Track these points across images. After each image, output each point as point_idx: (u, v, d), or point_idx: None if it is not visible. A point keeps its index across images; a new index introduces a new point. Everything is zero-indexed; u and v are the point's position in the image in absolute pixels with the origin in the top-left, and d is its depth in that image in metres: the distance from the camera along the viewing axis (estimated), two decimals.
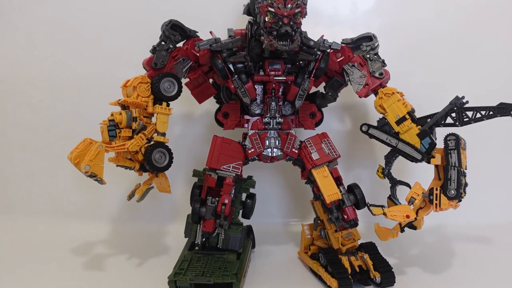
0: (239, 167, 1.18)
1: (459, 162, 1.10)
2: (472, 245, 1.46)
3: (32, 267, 1.31)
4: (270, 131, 1.21)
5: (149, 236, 1.58)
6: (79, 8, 1.66)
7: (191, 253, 1.21)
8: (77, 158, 1.02)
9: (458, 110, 1.11)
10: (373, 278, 1.14)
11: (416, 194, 1.12)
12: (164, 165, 1.14)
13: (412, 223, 1.19)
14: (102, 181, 1.05)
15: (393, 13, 1.66)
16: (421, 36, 1.64)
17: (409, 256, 1.37)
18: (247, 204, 1.29)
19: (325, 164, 1.18)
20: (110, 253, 1.42)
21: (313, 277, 1.24)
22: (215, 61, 1.13)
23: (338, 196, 1.13)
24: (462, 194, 1.10)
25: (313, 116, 1.28)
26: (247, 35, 1.19)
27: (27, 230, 1.62)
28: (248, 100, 1.17)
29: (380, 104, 1.17)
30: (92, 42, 1.67)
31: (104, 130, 1.09)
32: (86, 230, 1.58)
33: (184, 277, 1.09)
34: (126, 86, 1.14)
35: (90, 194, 1.69)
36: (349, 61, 1.21)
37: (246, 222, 1.33)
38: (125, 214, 1.69)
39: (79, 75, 1.68)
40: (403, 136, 1.14)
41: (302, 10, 1.02)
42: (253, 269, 1.29)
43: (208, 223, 1.14)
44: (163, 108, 1.14)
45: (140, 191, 1.19)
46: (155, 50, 1.17)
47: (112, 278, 1.23)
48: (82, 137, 1.06)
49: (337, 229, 1.21)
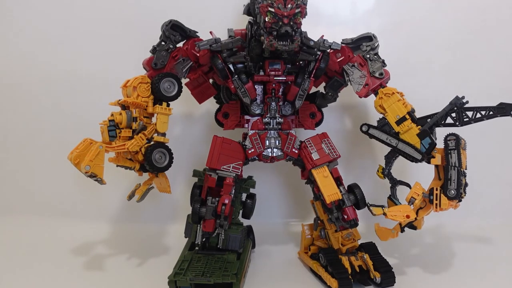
0: (239, 167, 1.18)
1: (459, 162, 1.10)
2: (472, 245, 1.46)
3: (32, 267, 1.31)
4: (270, 131, 1.21)
5: (149, 236, 1.58)
6: (78, 8, 1.66)
7: (191, 253, 1.21)
8: (77, 158, 1.02)
9: (458, 110, 1.11)
10: (373, 278, 1.14)
11: (416, 194, 1.12)
12: (164, 165, 1.14)
13: (412, 223, 1.19)
14: (102, 181, 1.05)
15: (393, 13, 1.66)
16: (421, 36, 1.64)
17: (409, 256, 1.37)
18: (247, 204, 1.29)
19: (325, 164, 1.18)
20: (110, 253, 1.42)
21: (313, 277, 1.24)
22: (215, 61, 1.13)
23: (338, 196, 1.13)
24: (462, 194, 1.10)
25: (313, 116, 1.28)
26: (247, 35, 1.19)
27: (27, 230, 1.62)
28: (248, 100, 1.17)
29: (380, 104, 1.17)
30: (92, 42, 1.67)
31: (104, 130, 1.09)
32: (86, 230, 1.58)
33: (184, 277, 1.09)
34: (126, 86, 1.14)
35: (90, 194, 1.69)
36: (349, 61, 1.21)
37: (246, 222, 1.33)
38: (125, 214, 1.69)
39: (79, 75, 1.68)
40: (403, 136, 1.14)
41: (302, 10, 1.02)
42: (253, 269, 1.29)
43: (208, 223, 1.14)
44: (163, 108, 1.14)
45: (140, 191, 1.19)
46: (155, 50, 1.17)
47: (112, 278, 1.23)
48: (82, 137, 1.06)
49: (337, 229, 1.21)
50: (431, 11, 1.65)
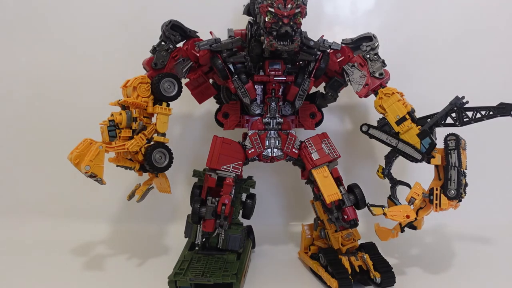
0: (239, 167, 1.18)
1: (459, 162, 1.10)
2: (472, 245, 1.46)
3: (32, 267, 1.31)
4: (270, 131, 1.21)
5: (149, 236, 1.58)
6: (78, 8, 1.66)
7: (191, 253, 1.21)
8: (77, 159, 1.02)
9: (458, 110, 1.11)
10: (373, 278, 1.14)
11: (416, 194, 1.12)
12: (164, 165, 1.14)
13: (412, 223, 1.19)
14: (102, 181, 1.05)
15: (393, 13, 1.66)
16: (421, 36, 1.64)
17: (409, 256, 1.37)
18: (247, 204, 1.29)
19: (325, 164, 1.18)
20: (110, 253, 1.42)
21: (313, 277, 1.24)
22: (215, 61, 1.13)
23: (338, 196, 1.13)
24: (462, 194, 1.10)
25: (313, 116, 1.28)
26: (247, 35, 1.19)
27: (27, 230, 1.62)
28: (248, 100, 1.17)
29: (380, 104, 1.17)
30: (92, 42, 1.67)
31: (104, 130, 1.09)
32: (86, 230, 1.58)
33: (184, 277, 1.09)
34: (126, 87, 1.14)
35: (90, 194, 1.69)
36: (349, 61, 1.21)
37: (246, 222, 1.33)
38: (125, 214, 1.69)
39: (79, 75, 1.68)
40: (403, 136, 1.14)
41: (302, 10, 1.02)
42: (253, 269, 1.29)
43: (208, 223, 1.14)
44: (163, 108, 1.14)
45: (140, 191, 1.19)
46: (155, 50, 1.17)
47: (112, 278, 1.23)
48: (82, 137, 1.06)
49: (337, 229, 1.21)
50: (431, 11, 1.65)
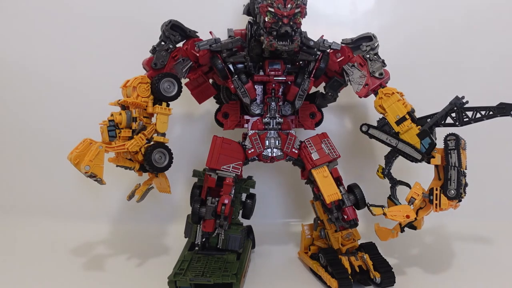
0: (239, 167, 1.18)
1: (459, 162, 1.10)
2: (472, 245, 1.46)
3: (32, 267, 1.31)
4: (270, 131, 1.21)
5: (149, 236, 1.58)
6: (78, 7, 1.66)
7: (191, 253, 1.21)
8: (77, 159, 1.02)
9: (458, 110, 1.11)
10: (373, 278, 1.14)
11: (416, 194, 1.12)
12: (164, 166, 1.14)
13: (412, 223, 1.19)
14: (102, 182, 1.05)
15: (393, 13, 1.66)
16: (421, 36, 1.64)
17: (409, 256, 1.37)
18: (247, 204, 1.29)
19: (325, 164, 1.18)
20: (110, 253, 1.42)
21: (313, 277, 1.24)
22: (215, 61, 1.13)
23: (338, 196, 1.13)
24: (462, 194, 1.10)
25: (313, 116, 1.28)
26: (247, 35, 1.19)
27: (27, 230, 1.62)
28: (248, 100, 1.17)
29: (380, 104, 1.17)
30: (92, 42, 1.67)
31: (104, 130, 1.09)
32: (86, 230, 1.58)
33: (184, 277, 1.09)
34: (126, 87, 1.14)
35: (90, 194, 1.69)
36: (349, 61, 1.21)
37: (246, 222, 1.33)
38: (125, 214, 1.69)
39: (79, 75, 1.68)
40: (403, 136, 1.14)
41: (302, 10, 1.02)
42: (253, 269, 1.29)
43: (208, 223, 1.14)
44: (163, 108, 1.14)
45: (140, 191, 1.19)
46: (155, 50, 1.17)
47: (112, 278, 1.23)
48: (82, 137, 1.06)
49: (337, 229, 1.21)
50: (431, 11, 1.65)
